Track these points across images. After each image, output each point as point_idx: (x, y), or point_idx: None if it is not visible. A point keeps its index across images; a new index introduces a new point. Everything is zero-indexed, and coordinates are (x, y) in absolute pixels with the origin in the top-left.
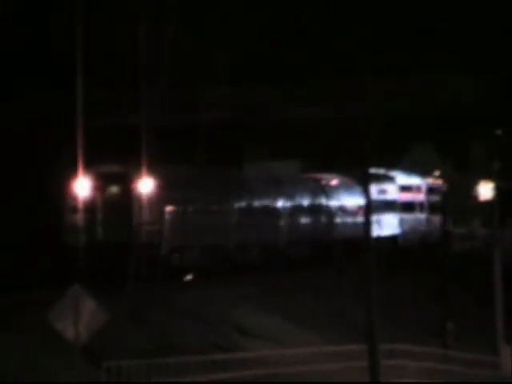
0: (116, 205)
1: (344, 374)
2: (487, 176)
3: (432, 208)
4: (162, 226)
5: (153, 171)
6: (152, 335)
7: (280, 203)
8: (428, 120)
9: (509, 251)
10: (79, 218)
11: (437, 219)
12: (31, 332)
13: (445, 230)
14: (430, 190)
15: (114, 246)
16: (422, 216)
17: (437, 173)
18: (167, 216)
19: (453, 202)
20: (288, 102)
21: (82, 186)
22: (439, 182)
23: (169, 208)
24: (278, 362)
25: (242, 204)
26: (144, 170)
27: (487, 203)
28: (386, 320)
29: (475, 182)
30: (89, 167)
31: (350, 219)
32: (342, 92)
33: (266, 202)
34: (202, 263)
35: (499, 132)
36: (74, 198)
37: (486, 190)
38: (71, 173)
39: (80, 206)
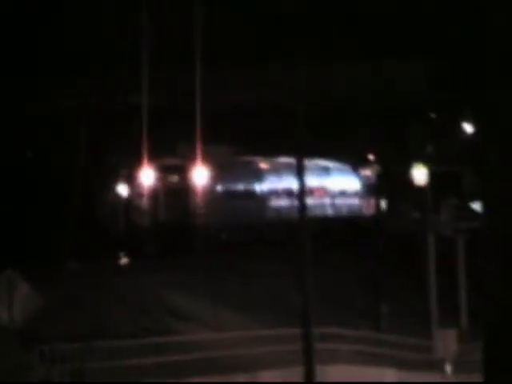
0: (175, 191)
1: (278, 357)
2: (421, 160)
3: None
4: (212, 210)
5: (205, 163)
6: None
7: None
8: (363, 107)
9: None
10: (145, 202)
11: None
12: None
13: (378, 213)
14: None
15: (173, 225)
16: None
17: (370, 156)
18: (215, 201)
19: (387, 185)
20: (219, 87)
21: (147, 176)
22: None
23: (216, 194)
24: (212, 346)
25: (269, 187)
26: (198, 162)
27: (421, 187)
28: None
29: (410, 166)
30: (152, 159)
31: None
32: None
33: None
34: (242, 240)
35: (433, 116)
36: (140, 186)
37: (419, 174)
38: (136, 163)
39: (145, 192)
